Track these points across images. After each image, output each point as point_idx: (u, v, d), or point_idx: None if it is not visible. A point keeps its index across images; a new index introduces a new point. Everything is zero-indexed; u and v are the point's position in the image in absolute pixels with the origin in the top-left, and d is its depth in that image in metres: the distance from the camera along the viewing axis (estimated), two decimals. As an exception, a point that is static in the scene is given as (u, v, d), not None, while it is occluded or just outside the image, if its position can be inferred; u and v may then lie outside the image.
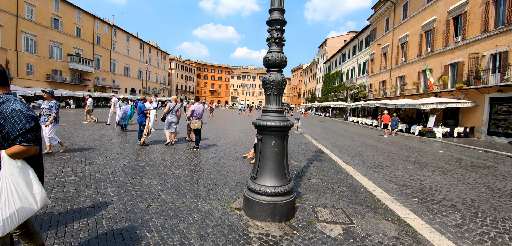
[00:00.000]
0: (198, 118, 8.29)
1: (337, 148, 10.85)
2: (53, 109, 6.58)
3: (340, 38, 56.96)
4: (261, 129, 3.39)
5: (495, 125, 17.13)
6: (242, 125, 18.77)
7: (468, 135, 18.05)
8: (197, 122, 8.25)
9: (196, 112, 8.25)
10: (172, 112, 9.06)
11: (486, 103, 17.40)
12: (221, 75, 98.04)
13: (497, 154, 11.29)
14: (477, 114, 18.05)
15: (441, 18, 21.74)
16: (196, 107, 8.31)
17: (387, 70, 30.23)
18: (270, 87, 3.38)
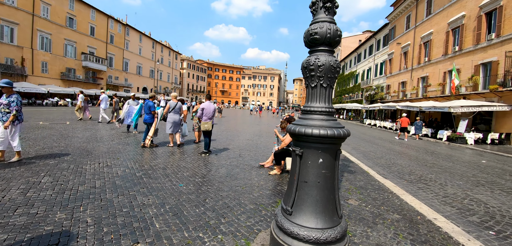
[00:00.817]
0: (208, 119, 7.24)
1: (363, 155, 9.52)
2: (13, 106, 5.05)
3: (355, 38, 54.91)
4: (302, 139, 2.23)
5: (536, 131, 15.28)
6: (255, 127, 17.63)
7: (503, 142, 16.22)
8: (207, 122, 7.17)
9: (206, 111, 7.21)
10: (174, 111, 8.09)
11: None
12: (232, 75, 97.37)
13: (552, 165, 9.65)
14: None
15: (471, 14, 19.88)
16: (206, 106, 7.28)
17: (407, 71, 28.35)
18: (317, 75, 2.19)
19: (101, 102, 13.84)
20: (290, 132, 2.35)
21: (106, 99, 14.00)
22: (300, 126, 2.24)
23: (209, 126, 7.18)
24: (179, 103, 8.31)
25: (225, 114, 32.04)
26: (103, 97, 13.92)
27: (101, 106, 13.76)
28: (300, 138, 2.25)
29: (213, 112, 7.32)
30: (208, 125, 7.16)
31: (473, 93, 18.82)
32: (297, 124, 2.29)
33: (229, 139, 10.43)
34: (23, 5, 31.70)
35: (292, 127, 2.31)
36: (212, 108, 7.34)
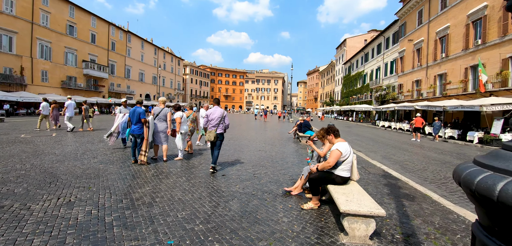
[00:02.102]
0: (213, 127, 5.76)
1: (401, 167, 7.76)
2: None
3: (360, 38, 53.15)
4: None
5: None
6: (264, 133, 15.94)
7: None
8: (211, 131, 5.69)
9: (210, 118, 5.79)
10: (159, 119, 6.60)
11: None
12: (235, 79, 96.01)
13: None
14: (555, 117, 14.27)
15: (495, 4, 18.05)
16: (211, 111, 5.87)
17: (422, 68, 26.48)
18: None
19: (67, 110, 12.58)
20: (482, 190, 0.66)
21: (72, 106, 12.75)
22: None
23: (211, 136, 5.67)
24: (165, 109, 6.80)
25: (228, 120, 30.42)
26: (69, 104, 12.66)
27: (67, 113, 12.53)
28: None
29: (219, 119, 5.80)
30: (209, 135, 5.68)
31: (502, 90, 16.92)
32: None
33: (237, 150, 8.75)
34: (22, 13, 30.65)
35: (488, 182, 0.62)
36: (219, 113, 5.84)
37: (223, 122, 5.85)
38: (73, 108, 12.83)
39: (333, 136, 3.99)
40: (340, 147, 3.76)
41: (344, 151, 3.73)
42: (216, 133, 5.70)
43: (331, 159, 3.69)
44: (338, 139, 3.99)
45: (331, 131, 4.00)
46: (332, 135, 4.01)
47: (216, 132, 5.70)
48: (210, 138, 5.66)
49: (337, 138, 4.01)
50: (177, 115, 6.88)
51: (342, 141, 3.92)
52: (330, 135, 4.02)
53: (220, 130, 5.83)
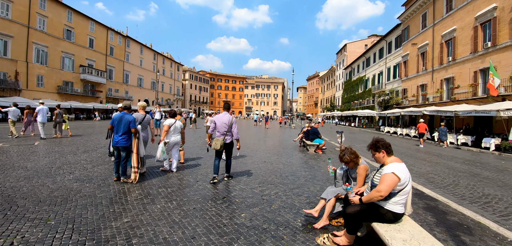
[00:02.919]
0: (221, 135, 5.27)
1: (428, 181, 6.70)
2: None
3: (361, 43, 52.49)
4: None
5: None
6: (266, 141, 14.89)
7: None
8: (218, 140, 5.18)
9: (218, 124, 5.32)
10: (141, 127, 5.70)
11: None
12: (235, 85, 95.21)
13: None
14: None
15: (505, 5, 17.21)
16: (219, 118, 5.38)
17: (427, 72, 25.58)
18: None
19: (38, 115, 11.59)
20: None
21: (43, 112, 11.74)
22: None
23: (217, 145, 5.13)
24: (147, 116, 5.89)
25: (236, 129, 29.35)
26: (40, 109, 11.68)
27: (38, 119, 11.53)
28: None
29: (227, 125, 5.30)
30: (216, 143, 5.16)
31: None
32: None
33: (239, 162, 7.68)
34: (18, 17, 29.76)
35: None
36: (226, 119, 5.33)
37: (231, 130, 5.32)
38: (45, 113, 11.79)
39: (384, 153, 2.81)
40: (398, 171, 2.62)
41: (402, 176, 2.62)
42: (223, 142, 5.16)
43: (383, 187, 2.59)
44: (391, 157, 2.84)
45: (381, 146, 2.84)
46: (384, 151, 2.83)
47: (223, 141, 5.17)
48: (215, 146, 5.11)
49: (390, 156, 2.83)
50: (166, 122, 5.92)
51: (398, 161, 2.79)
52: (379, 152, 2.83)
53: (229, 140, 5.33)
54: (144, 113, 5.87)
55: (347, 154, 3.28)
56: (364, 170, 3.26)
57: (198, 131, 19.24)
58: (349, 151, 3.28)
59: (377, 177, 2.83)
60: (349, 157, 3.29)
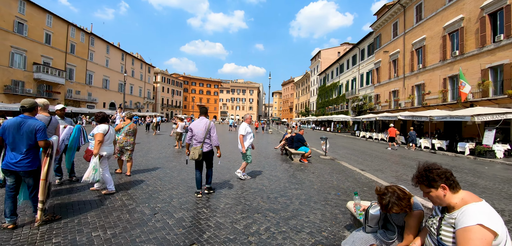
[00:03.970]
0: (198, 143, 4.76)
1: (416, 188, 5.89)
2: None
3: (334, 50, 53.67)
4: None
5: None
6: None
7: (528, 154, 13.76)
8: (195, 148, 4.65)
9: (195, 132, 4.81)
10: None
11: (553, 114, 13.26)
12: (210, 89, 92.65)
13: None
14: (539, 128, 13.86)
15: (471, 16, 17.91)
16: (195, 125, 4.86)
17: (399, 79, 26.20)
18: None
19: None
20: None
21: None
22: None
23: (195, 154, 4.60)
24: (53, 119, 4.19)
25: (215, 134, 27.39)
26: None
27: None
28: None
29: (205, 132, 4.78)
30: (194, 152, 4.63)
31: (483, 99, 16.51)
32: None
33: (217, 177, 6.27)
34: (-47, 5, 25.35)
35: None
36: (202, 125, 4.81)
37: (209, 137, 4.83)
38: None
39: (446, 189, 1.68)
40: (487, 220, 1.47)
41: (497, 227, 1.47)
42: (201, 151, 4.64)
43: None
44: (460, 193, 1.70)
45: (440, 178, 1.68)
46: (445, 186, 1.68)
47: (201, 150, 4.65)
48: (193, 156, 4.58)
49: (457, 191, 1.69)
50: (99, 130, 4.37)
51: (474, 198, 1.64)
52: (437, 188, 1.69)
53: (207, 148, 4.80)
54: (47, 114, 4.12)
55: (394, 199, 2.00)
56: (417, 218, 2.03)
57: (160, 137, 17.22)
58: (396, 196, 2.00)
59: (446, 232, 1.67)
60: (398, 206, 2.01)
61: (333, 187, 5.85)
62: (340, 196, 5.12)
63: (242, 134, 6.10)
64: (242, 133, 6.11)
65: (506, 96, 14.94)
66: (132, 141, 6.09)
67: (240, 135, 6.13)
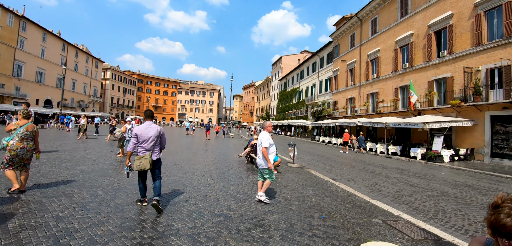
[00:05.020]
0: (146, 151, 4.01)
1: (409, 206, 5.32)
2: None
3: (294, 57, 54.94)
4: None
5: (497, 146, 14.48)
6: (204, 156, 12.01)
7: (468, 158, 15.08)
8: (143, 157, 3.93)
9: (143, 138, 4.02)
10: None
11: (487, 122, 14.73)
12: (167, 89, 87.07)
13: None
14: (475, 134, 15.29)
15: (420, 33, 19.38)
16: (142, 131, 4.05)
17: (355, 87, 27.38)
18: None
19: None
20: None
21: None
22: None
23: (145, 164, 3.91)
24: None
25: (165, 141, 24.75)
26: None
27: None
28: None
29: (155, 139, 4.11)
30: (142, 162, 3.90)
31: (429, 108, 17.84)
32: None
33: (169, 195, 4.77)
34: None
35: None
36: (154, 132, 4.12)
37: (158, 144, 4.25)
38: None
39: None
40: None
41: None
42: (152, 159, 4.02)
43: None
44: None
45: None
46: None
47: (151, 158, 4.02)
48: (143, 166, 3.92)
49: None
50: None
51: None
52: None
53: (156, 156, 4.19)
54: None
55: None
56: None
57: (100, 144, 14.66)
58: None
59: None
60: None
61: (314, 207, 4.85)
62: (326, 221, 4.13)
63: (266, 147, 4.78)
64: (265, 146, 4.78)
65: (449, 106, 16.25)
66: (31, 147, 4.30)
67: (263, 147, 4.79)
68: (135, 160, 3.96)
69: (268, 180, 4.87)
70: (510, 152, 13.86)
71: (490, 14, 14.91)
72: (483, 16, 15.10)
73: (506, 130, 14.13)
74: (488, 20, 15.04)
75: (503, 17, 14.06)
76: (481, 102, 14.51)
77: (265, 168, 4.80)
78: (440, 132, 15.30)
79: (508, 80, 13.62)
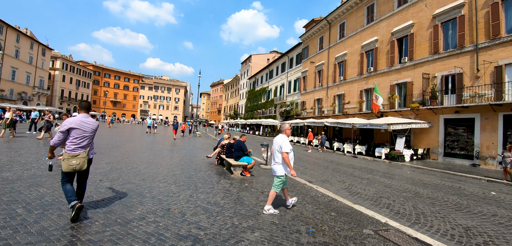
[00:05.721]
0: (78, 148, 3.41)
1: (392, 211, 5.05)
2: None
3: (264, 56, 54.89)
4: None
5: (449, 146, 15.72)
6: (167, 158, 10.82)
7: (424, 157, 16.15)
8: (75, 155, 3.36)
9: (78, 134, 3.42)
10: None
11: (441, 124, 15.90)
12: (128, 83, 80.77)
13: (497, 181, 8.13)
14: (431, 135, 16.42)
15: (384, 39, 20.35)
16: (76, 123, 3.43)
17: (323, 88, 27.98)
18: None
19: None
20: None
21: None
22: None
23: (82, 164, 3.40)
24: None
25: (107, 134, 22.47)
26: None
27: None
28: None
29: (89, 136, 3.54)
30: (78, 161, 3.36)
31: (390, 111, 18.80)
32: None
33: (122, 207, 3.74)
34: None
35: None
36: (90, 127, 3.55)
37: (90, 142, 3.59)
38: None
39: None
40: None
41: None
42: (88, 158, 3.51)
43: None
44: None
45: None
46: None
47: (88, 157, 3.51)
48: (79, 166, 3.36)
49: None
50: None
51: None
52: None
53: (92, 154, 3.68)
54: None
55: None
56: None
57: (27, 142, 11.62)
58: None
59: None
60: None
61: (298, 218, 4.24)
62: (316, 236, 3.52)
63: (287, 152, 4.34)
64: (286, 150, 4.33)
65: (409, 108, 17.25)
66: None
67: (283, 153, 4.33)
68: (66, 159, 3.31)
69: (273, 190, 4.39)
70: (459, 152, 15.09)
71: (446, 25, 16.08)
72: (440, 27, 16.24)
73: (456, 132, 15.36)
74: (444, 31, 16.21)
75: (457, 29, 15.24)
76: (437, 106, 15.58)
77: (281, 175, 4.36)
78: (402, 133, 16.08)
79: (460, 87, 14.79)
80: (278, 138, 4.51)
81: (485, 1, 13.95)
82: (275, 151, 4.47)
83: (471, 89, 14.22)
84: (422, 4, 17.37)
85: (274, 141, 4.57)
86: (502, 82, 13.02)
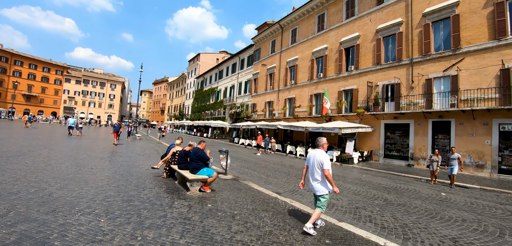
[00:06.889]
0: None
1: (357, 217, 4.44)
2: None
3: (213, 56, 52.76)
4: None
5: (388, 148, 17.14)
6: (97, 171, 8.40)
7: (368, 159, 17.27)
8: None
9: None
10: None
11: (382, 129, 17.22)
12: (48, 74, 67.08)
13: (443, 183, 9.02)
14: (373, 139, 17.64)
15: (333, 47, 21.27)
16: None
17: (274, 91, 27.91)
18: None
19: None
20: None
21: None
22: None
23: None
24: None
25: (19, 135, 17.75)
26: None
27: None
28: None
29: None
30: None
31: (338, 115, 19.65)
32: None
33: None
34: None
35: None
36: None
37: None
38: None
39: None
40: None
41: None
42: None
43: None
44: None
45: None
46: None
47: None
48: None
49: None
50: None
51: None
52: None
53: None
54: None
55: None
56: None
57: None
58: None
59: None
60: None
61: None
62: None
63: (328, 169, 4.00)
64: (328, 167, 3.99)
65: (355, 113, 18.24)
66: None
67: (325, 170, 3.97)
68: None
69: (319, 210, 4.04)
70: (396, 154, 16.55)
71: (386, 40, 17.53)
72: (382, 41, 17.62)
73: (394, 135, 16.82)
74: (385, 45, 17.63)
75: (396, 44, 16.71)
76: (379, 112, 16.79)
77: (325, 194, 4.04)
78: (351, 137, 16.79)
79: (398, 95, 16.22)
80: (316, 154, 4.11)
81: (419, 22, 15.61)
82: (315, 168, 4.06)
83: (407, 97, 15.69)
84: (367, 18, 18.64)
85: (312, 157, 4.18)
86: (432, 93, 14.68)
